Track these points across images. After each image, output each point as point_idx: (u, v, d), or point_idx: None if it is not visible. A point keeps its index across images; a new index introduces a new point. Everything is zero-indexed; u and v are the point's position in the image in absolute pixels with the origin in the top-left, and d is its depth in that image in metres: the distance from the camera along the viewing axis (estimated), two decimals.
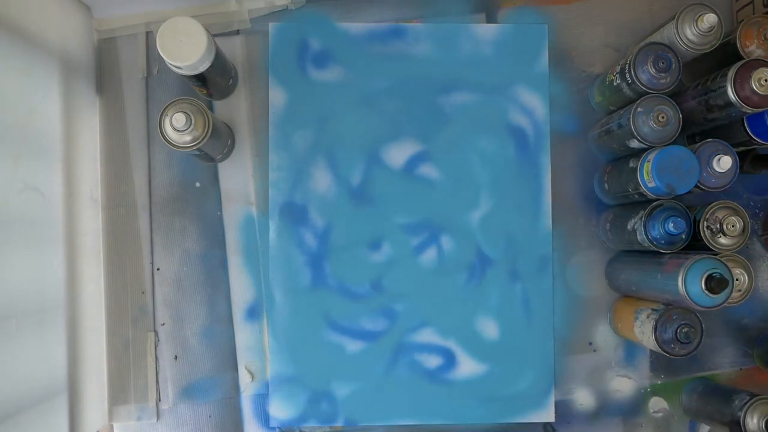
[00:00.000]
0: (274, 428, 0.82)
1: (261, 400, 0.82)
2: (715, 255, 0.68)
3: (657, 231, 0.70)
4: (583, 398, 0.83)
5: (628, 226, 0.74)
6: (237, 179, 0.83)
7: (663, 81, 0.70)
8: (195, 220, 0.83)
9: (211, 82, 0.76)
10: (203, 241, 0.83)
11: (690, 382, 0.83)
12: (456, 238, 0.83)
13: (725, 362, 0.84)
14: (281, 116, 0.83)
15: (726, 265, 0.66)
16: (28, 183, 0.67)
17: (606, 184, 0.80)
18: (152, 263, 0.82)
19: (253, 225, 0.83)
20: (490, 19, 0.85)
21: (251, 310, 0.83)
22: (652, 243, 0.71)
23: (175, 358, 0.82)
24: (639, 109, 0.70)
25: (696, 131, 0.78)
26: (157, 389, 0.82)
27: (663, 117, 0.69)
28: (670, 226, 0.68)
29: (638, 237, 0.72)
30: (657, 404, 0.83)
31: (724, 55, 0.73)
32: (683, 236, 0.70)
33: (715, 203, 0.71)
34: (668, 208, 0.71)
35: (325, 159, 0.83)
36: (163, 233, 0.82)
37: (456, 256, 0.83)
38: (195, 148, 0.71)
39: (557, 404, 0.83)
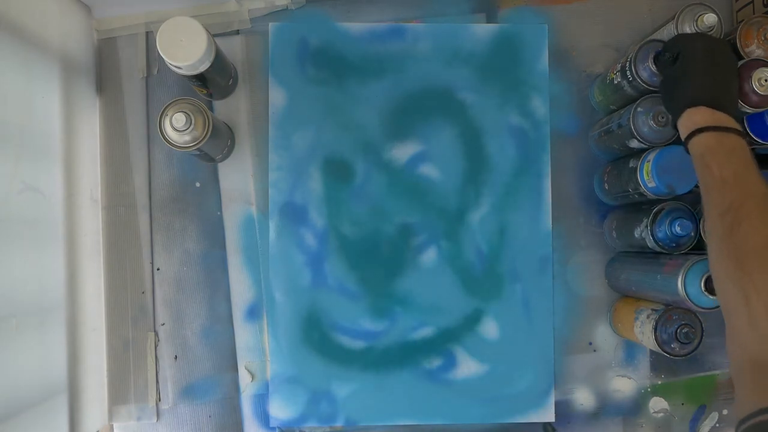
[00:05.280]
0: (274, 428, 0.82)
1: (261, 400, 0.82)
2: None
3: (664, 234, 0.70)
4: (583, 398, 0.83)
5: (635, 234, 0.74)
6: (237, 179, 0.83)
7: None
8: (195, 220, 0.83)
9: (211, 82, 0.76)
10: (203, 241, 0.83)
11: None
12: (456, 238, 0.83)
13: (725, 362, 0.84)
14: (281, 116, 0.83)
15: None
16: (28, 183, 0.67)
17: (606, 184, 0.80)
18: (152, 263, 0.82)
19: (253, 225, 0.83)
20: (490, 19, 0.85)
21: (251, 310, 0.83)
22: (663, 248, 0.71)
23: (175, 358, 0.82)
24: (639, 109, 0.70)
25: None
26: (157, 389, 0.82)
27: (663, 117, 0.69)
28: (677, 228, 0.68)
29: (648, 244, 0.72)
30: (657, 404, 0.83)
31: None
32: (692, 234, 0.70)
33: None
34: (671, 210, 0.71)
35: (325, 159, 0.83)
36: (163, 233, 0.82)
37: (456, 256, 0.83)
38: (195, 148, 0.71)
39: (557, 404, 0.83)
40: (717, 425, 0.83)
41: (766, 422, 0.45)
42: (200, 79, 0.73)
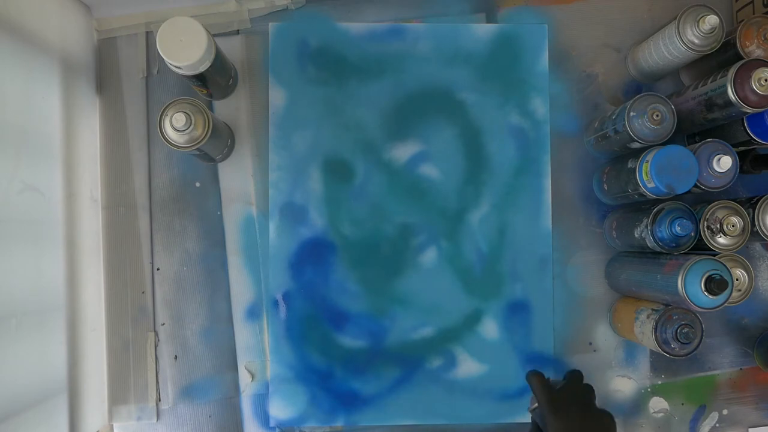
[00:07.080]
0: (274, 428, 0.82)
1: (261, 400, 0.82)
2: (715, 255, 0.68)
3: (664, 234, 0.70)
4: None
5: (635, 234, 0.74)
6: (237, 179, 0.83)
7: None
8: (195, 220, 0.83)
9: (211, 82, 0.76)
10: (203, 241, 0.83)
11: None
12: (456, 238, 0.83)
13: (725, 362, 0.84)
14: (281, 116, 0.83)
15: (726, 267, 0.66)
16: (28, 183, 0.67)
17: (605, 185, 0.80)
18: (152, 263, 0.82)
19: (253, 225, 0.83)
20: (490, 19, 0.85)
21: (251, 310, 0.83)
22: (663, 248, 0.71)
23: (175, 358, 0.82)
24: (632, 113, 0.70)
25: (696, 131, 0.78)
26: (157, 389, 0.82)
27: (657, 115, 0.69)
28: (677, 228, 0.68)
29: (648, 244, 0.72)
30: (657, 404, 0.83)
31: (724, 55, 0.73)
32: (692, 234, 0.70)
33: (715, 203, 0.71)
34: (671, 210, 0.71)
35: (325, 159, 0.83)
36: (163, 233, 0.82)
37: (456, 256, 0.83)
38: (195, 148, 0.71)
39: None
40: (717, 425, 0.83)
41: None
42: (200, 79, 0.73)
